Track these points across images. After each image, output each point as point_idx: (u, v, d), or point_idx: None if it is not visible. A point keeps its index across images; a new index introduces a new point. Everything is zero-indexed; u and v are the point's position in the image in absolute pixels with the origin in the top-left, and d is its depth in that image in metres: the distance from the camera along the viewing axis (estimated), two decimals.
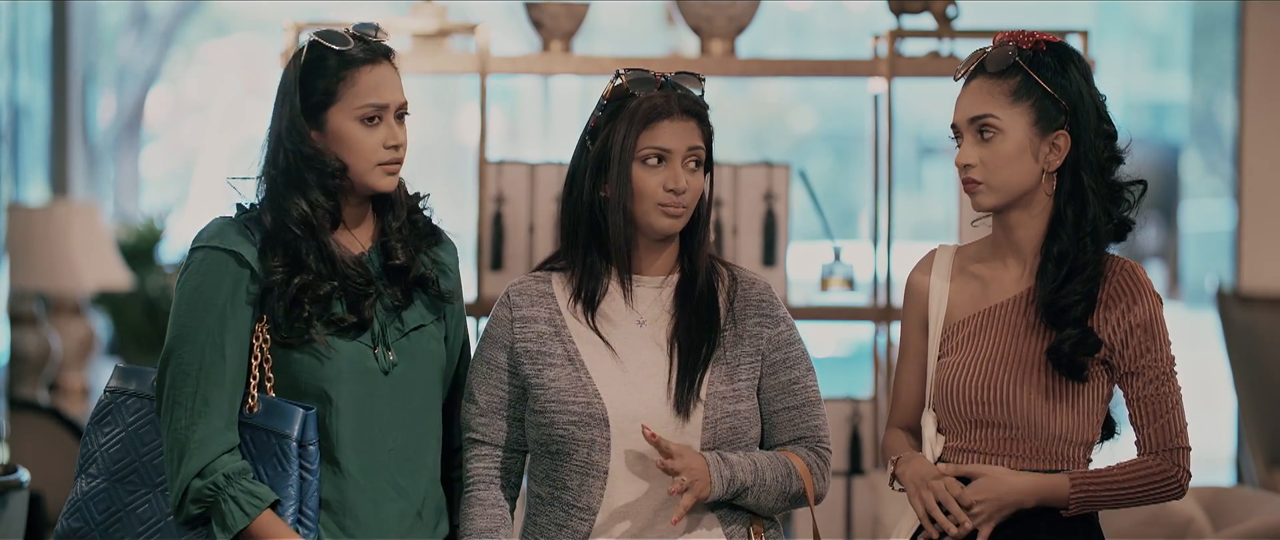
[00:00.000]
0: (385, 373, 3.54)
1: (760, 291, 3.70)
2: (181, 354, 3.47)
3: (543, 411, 3.61)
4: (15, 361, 7.90)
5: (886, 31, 5.70)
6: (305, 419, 3.47)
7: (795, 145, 13.89)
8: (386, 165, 3.53)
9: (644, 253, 3.66)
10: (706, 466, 3.54)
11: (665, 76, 3.63)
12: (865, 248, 5.88)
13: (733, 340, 3.66)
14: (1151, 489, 3.46)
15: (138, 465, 3.55)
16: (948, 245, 3.68)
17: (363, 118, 3.52)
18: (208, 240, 3.51)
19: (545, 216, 5.61)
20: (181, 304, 3.49)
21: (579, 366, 3.62)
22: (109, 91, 12.18)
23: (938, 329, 3.58)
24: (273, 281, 3.48)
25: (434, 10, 5.76)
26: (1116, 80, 13.19)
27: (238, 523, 3.42)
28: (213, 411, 3.45)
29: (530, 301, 3.68)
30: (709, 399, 3.61)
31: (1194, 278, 11.78)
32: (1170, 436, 3.46)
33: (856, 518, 5.64)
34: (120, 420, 3.58)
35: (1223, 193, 9.47)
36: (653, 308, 3.67)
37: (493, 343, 3.68)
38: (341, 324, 3.50)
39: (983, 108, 3.47)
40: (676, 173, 3.58)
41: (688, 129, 3.59)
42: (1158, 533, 4.97)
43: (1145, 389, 3.46)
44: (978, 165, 3.47)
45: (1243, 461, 7.98)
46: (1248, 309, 7.90)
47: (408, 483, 3.56)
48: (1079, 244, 3.46)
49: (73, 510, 3.56)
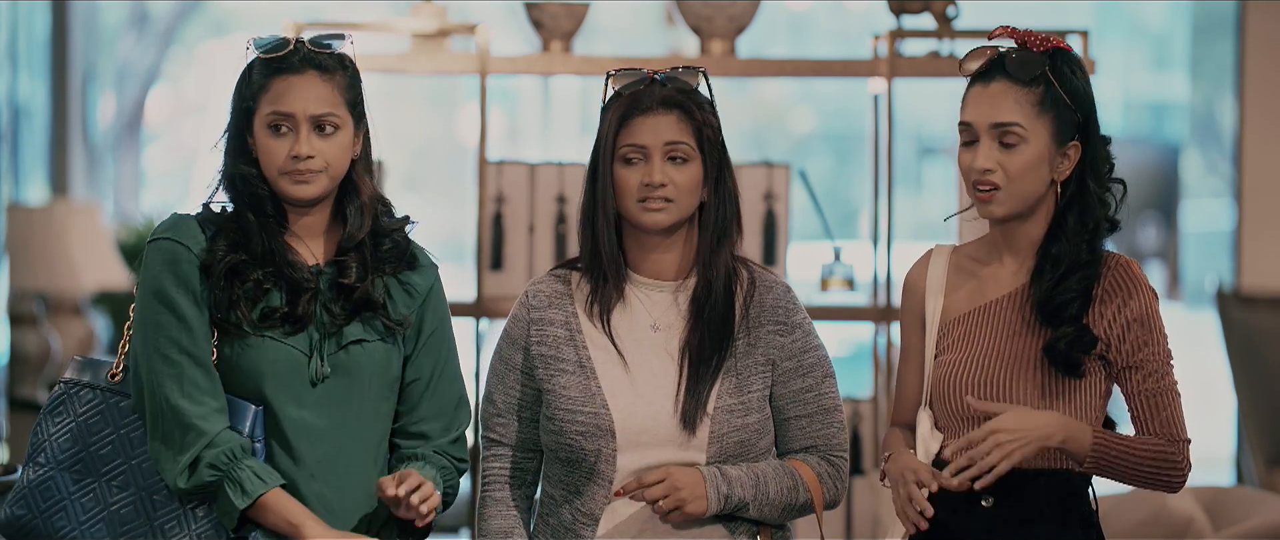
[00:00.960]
0: (313, 384, 3.54)
1: (778, 297, 3.67)
2: (158, 340, 3.51)
3: (553, 419, 3.62)
4: (15, 361, 7.89)
5: (886, 31, 5.70)
6: (256, 415, 3.52)
7: (795, 145, 13.89)
8: (292, 175, 3.53)
9: (646, 252, 3.65)
10: (702, 482, 3.54)
11: (657, 73, 3.62)
12: (865, 248, 5.87)
13: (744, 349, 3.64)
14: (1160, 469, 3.45)
15: (85, 456, 3.56)
16: (944, 245, 3.67)
17: (267, 125, 3.54)
18: (160, 233, 3.58)
19: (545, 216, 5.61)
20: (146, 295, 3.55)
21: (590, 374, 3.61)
22: (109, 91, 12.19)
23: (934, 327, 3.58)
24: (211, 260, 3.52)
25: (434, 10, 5.76)
26: (1116, 80, 13.19)
27: (256, 488, 3.46)
28: (204, 392, 3.50)
29: (547, 302, 3.67)
30: (716, 413, 3.60)
31: (1194, 278, 11.78)
32: (1170, 428, 3.46)
33: (856, 518, 5.64)
34: (71, 411, 3.59)
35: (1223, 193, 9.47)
36: (668, 313, 3.65)
37: (511, 342, 3.68)
38: (274, 315, 3.52)
39: (1010, 115, 3.44)
40: (651, 167, 3.57)
41: (666, 123, 3.58)
42: (1158, 533, 4.97)
43: (1144, 383, 3.46)
44: (997, 170, 3.45)
45: (1243, 461, 7.98)
46: (1248, 309, 7.90)
47: (334, 497, 3.55)
48: (1077, 247, 3.46)
49: (18, 498, 3.58)
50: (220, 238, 3.54)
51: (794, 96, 14.12)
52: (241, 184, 3.56)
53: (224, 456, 3.47)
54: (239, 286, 3.51)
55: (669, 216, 3.59)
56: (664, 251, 3.65)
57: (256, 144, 3.56)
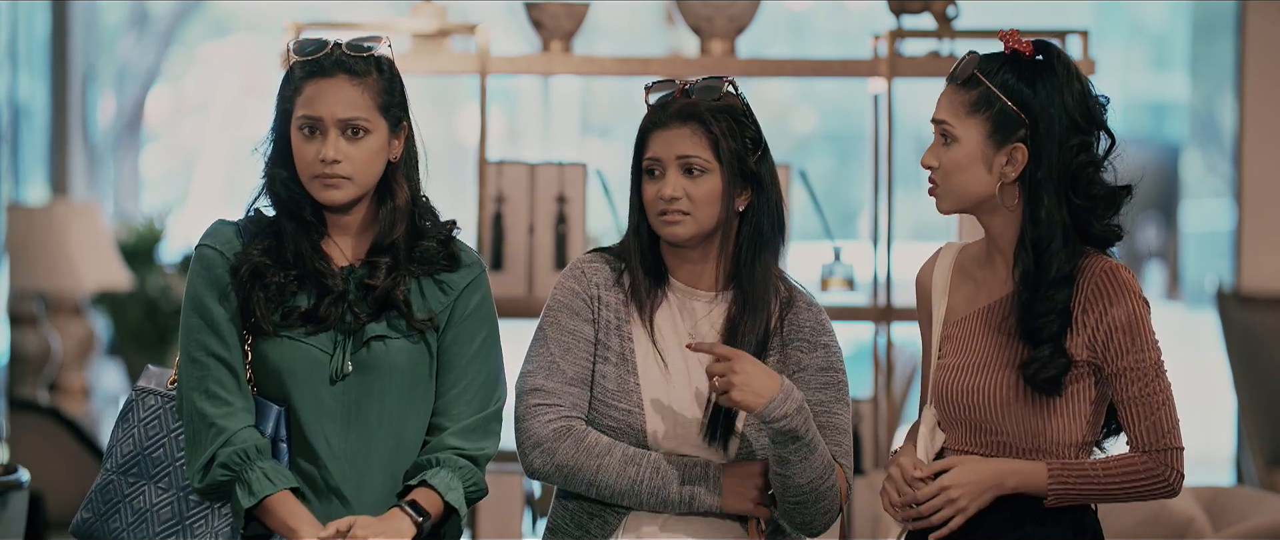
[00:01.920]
0: (333, 381, 3.55)
1: (810, 317, 3.66)
2: (189, 348, 3.58)
3: (591, 407, 3.61)
4: (15, 361, 7.89)
5: (886, 31, 5.70)
6: (279, 416, 3.56)
7: (795, 145, 13.89)
8: (321, 178, 3.54)
9: (681, 262, 3.64)
10: (775, 387, 3.44)
11: (687, 84, 3.62)
12: (865, 248, 5.88)
13: (776, 365, 3.61)
14: (1139, 486, 3.45)
15: (140, 458, 3.62)
16: (953, 243, 3.68)
17: (300, 128, 3.55)
18: (201, 240, 3.62)
19: (545, 216, 5.62)
20: (187, 300, 3.62)
21: (630, 369, 3.60)
22: (109, 91, 12.19)
23: (938, 327, 3.59)
24: (239, 264, 3.55)
25: (434, 10, 5.76)
26: (1116, 80, 13.19)
27: (265, 488, 3.49)
28: (228, 392, 3.55)
29: (606, 284, 3.65)
30: (747, 430, 3.59)
31: (1194, 278, 11.78)
32: (1159, 436, 3.45)
33: (857, 518, 5.64)
34: (135, 417, 3.66)
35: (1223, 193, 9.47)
36: (702, 323, 3.63)
37: (575, 314, 3.62)
38: (294, 315, 3.54)
39: (942, 113, 3.49)
40: (665, 181, 3.57)
41: (679, 136, 3.57)
42: (1158, 533, 4.96)
43: (1130, 389, 3.45)
44: (937, 167, 3.49)
45: (1243, 461, 7.98)
46: (1248, 309, 7.90)
47: (352, 493, 3.57)
48: (1039, 259, 3.44)
49: (88, 502, 3.67)
50: (254, 243, 3.57)
51: (794, 96, 14.13)
52: (280, 188, 3.58)
53: (237, 457, 3.50)
54: (262, 289, 3.54)
55: (685, 230, 3.57)
56: (696, 262, 3.63)
57: (293, 144, 3.58)
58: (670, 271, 3.65)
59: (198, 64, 13.48)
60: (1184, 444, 3.48)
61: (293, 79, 3.57)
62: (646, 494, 3.55)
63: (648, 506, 3.56)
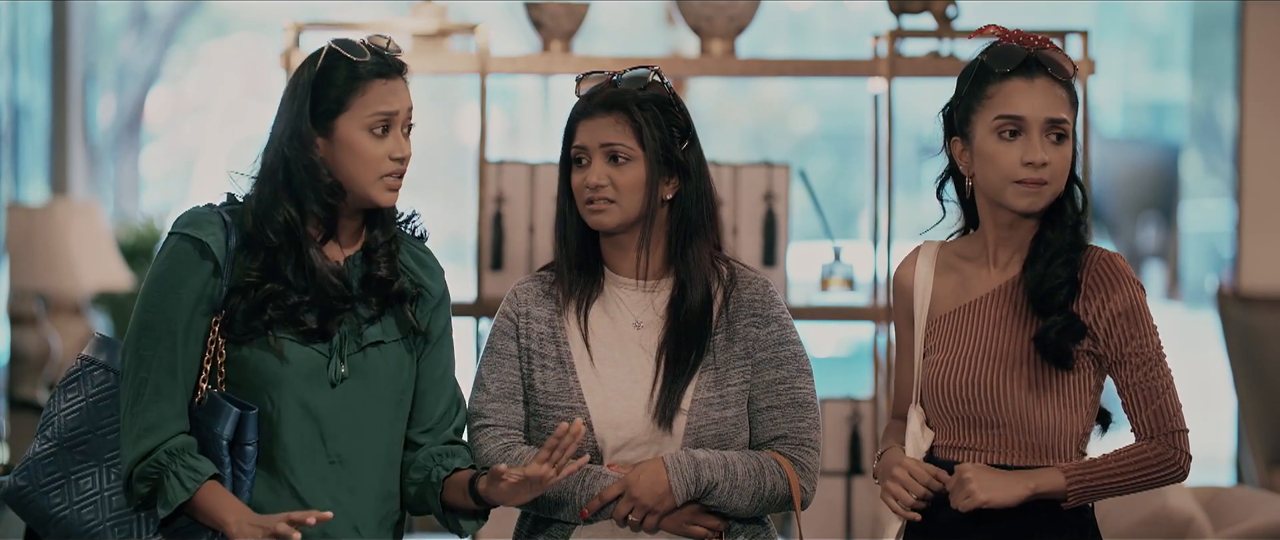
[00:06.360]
0: (332, 384, 3.54)
1: (756, 291, 3.69)
2: (141, 340, 3.51)
3: (535, 414, 3.65)
4: (15, 361, 7.90)
5: (886, 31, 5.70)
6: (241, 419, 3.49)
7: (795, 145, 13.90)
8: (389, 177, 3.54)
9: (617, 252, 3.68)
10: (664, 478, 3.55)
11: (616, 75, 3.66)
12: (865, 248, 5.88)
13: (723, 344, 3.66)
14: (1150, 474, 3.46)
15: (90, 437, 3.56)
16: (932, 240, 3.68)
17: (371, 127, 3.53)
18: (181, 227, 3.54)
19: (545, 216, 5.62)
20: (147, 288, 3.53)
21: (568, 370, 3.65)
22: (109, 91, 12.20)
23: (922, 324, 3.60)
24: (244, 283, 3.51)
25: (434, 10, 5.76)
26: (1116, 80, 13.19)
27: (178, 497, 3.44)
28: (165, 399, 3.48)
29: (534, 300, 3.71)
30: (693, 406, 3.62)
31: (1194, 278, 11.78)
32: (1165, 420, 3.47)
33: (856, 518, 5.64)
34: (83, 389, 3.59)
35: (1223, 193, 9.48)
36: (648, 311, 3.67)
37: (502, 334, 3.70)
38: (303, 328, 3.52)
39: (1060, 111, 3.48)
40: (590, 169, 3.62)
41: (604, 124, 3.62)
42: (1158, 533, 4.97)
43: (1134, 375, 3.47)
44: (1050, 165, 3.48)
45: (1243, 461, 7.98)
46: (1248, 309, 7.91)
47: (346, 498, 3.55)
48: (1068, 232, 3.49)
49: (22, 468, 3.58)
50: (248, 252, 3.51)
51: (794, 96, 14.13)
52: (305, 174, 3.52)
53: (152, 467, 3.46)
54: (272, 311, 3.50)
55: (611, 218, 3.62)
56: (632, 250, 3.67)
57: (342, 145, 3.53)
58: (609, 265, 3.69)
59: (198, 64, 13.48)
60: (1188, 426, 3.49)
61: (344, 75, 3.53)
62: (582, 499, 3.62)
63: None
